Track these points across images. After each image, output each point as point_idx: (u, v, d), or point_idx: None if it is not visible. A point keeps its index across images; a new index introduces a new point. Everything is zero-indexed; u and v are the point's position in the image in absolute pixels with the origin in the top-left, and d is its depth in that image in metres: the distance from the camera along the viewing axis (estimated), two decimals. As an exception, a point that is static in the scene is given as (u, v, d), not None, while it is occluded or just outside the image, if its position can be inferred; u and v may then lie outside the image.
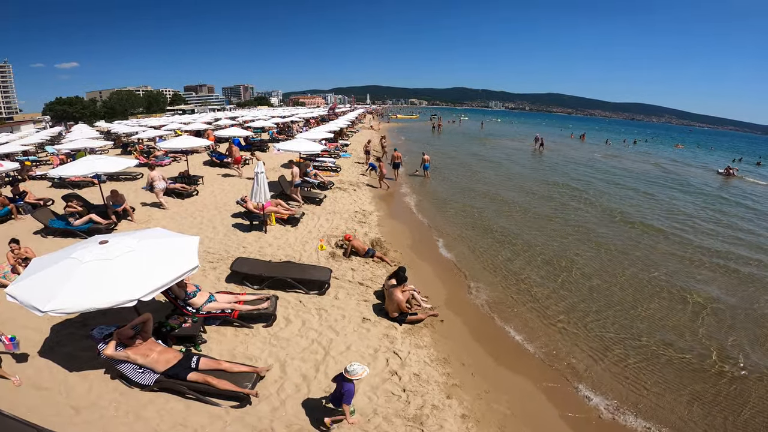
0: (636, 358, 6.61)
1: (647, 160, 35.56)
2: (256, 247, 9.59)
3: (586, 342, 6.97)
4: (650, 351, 6.84)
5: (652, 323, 7.71)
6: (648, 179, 24.23)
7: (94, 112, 78.98)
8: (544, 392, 5.78)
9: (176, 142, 17.59)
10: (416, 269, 9.07)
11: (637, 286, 9.19)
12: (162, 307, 6.48)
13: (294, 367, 5.57)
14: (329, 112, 61.48)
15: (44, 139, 30.40)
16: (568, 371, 6.22)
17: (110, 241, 5.11)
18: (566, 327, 7.39)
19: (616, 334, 7.27)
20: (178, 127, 33.12)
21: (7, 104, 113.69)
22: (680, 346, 6.99)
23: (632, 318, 7.85)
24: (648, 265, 10.43)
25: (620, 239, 12.32)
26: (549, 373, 6.18)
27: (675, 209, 16.75)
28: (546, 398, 5.66)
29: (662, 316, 7.98)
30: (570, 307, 8.09)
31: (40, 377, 5.07)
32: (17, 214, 11.22)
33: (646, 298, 8.65)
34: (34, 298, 4.37)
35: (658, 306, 8.38)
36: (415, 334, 6.74)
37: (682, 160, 39.04)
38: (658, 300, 8.63)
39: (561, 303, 8.25)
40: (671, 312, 8.17)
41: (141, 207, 12.23)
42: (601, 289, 9.00)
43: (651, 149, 49.50)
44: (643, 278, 9.60)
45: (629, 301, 8.52)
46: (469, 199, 16.52)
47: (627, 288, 9.08)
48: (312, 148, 16.38)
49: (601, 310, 8.09)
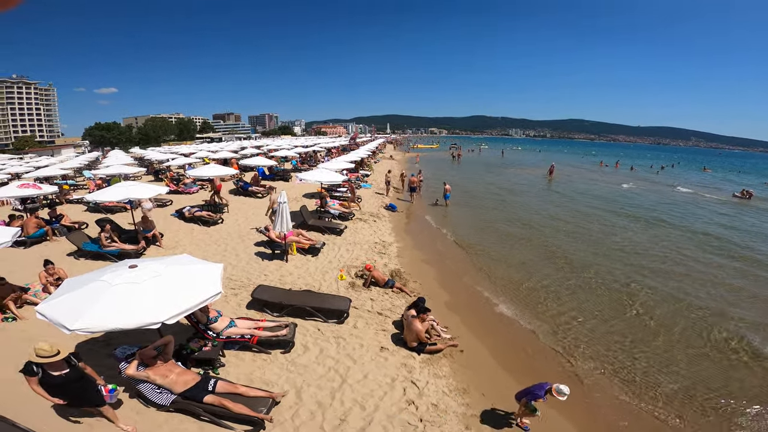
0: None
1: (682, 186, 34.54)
2: (277, 276, 9.74)
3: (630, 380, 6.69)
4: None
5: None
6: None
7: (130, 138, 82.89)
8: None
9: (203, 170, 18.26)
10: (436, 300, 9.01)
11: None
12: (183, 330, 6.62)
13: (310, 394, 5.56)
14: (350, 142, 62.72)
15: (82, 164, 32.09)
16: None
17: (139, 266, 5.34)
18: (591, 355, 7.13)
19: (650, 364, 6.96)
20: (206, 155, 34.49)
21: (50, 127, 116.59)
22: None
23: (666, 353, 7.50)
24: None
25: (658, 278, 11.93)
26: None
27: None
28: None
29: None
30: (607, 341, 7.82)
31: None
32: (52, 236, 11.80)
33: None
34: (62, 316, 4.58)
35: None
36: (433, 363, 6.64)
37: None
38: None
39: (588, 336, 7.99)
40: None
41: (168, 233, 12.67)
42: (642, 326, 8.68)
43: (680, 174, 48.27)
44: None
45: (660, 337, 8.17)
46: (489, 230, 16.37)
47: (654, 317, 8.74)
48: (333, 178, 16.71)
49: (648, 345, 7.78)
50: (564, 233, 16.07)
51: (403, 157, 56.68)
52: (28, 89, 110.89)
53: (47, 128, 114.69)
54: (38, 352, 4.39)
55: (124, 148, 66.07)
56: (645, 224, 18.36)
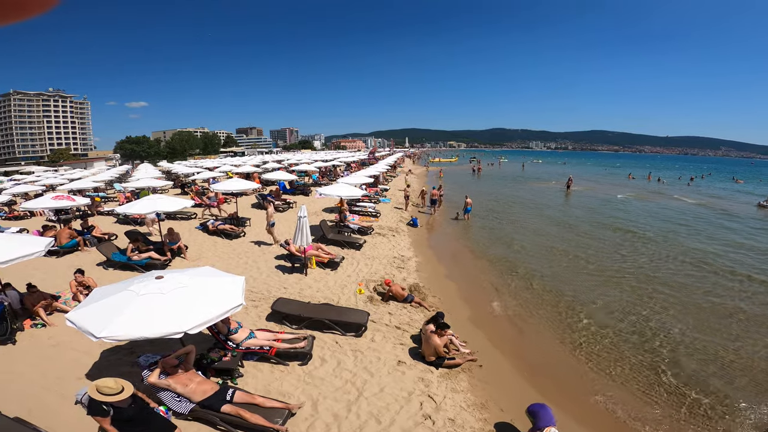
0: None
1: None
2: (296, 289, 9.86)
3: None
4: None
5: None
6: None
7: (158, 151, 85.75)
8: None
9: (227, 184, 18.72)
10: (456, 314, 8.95)
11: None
12: (204, 340, 6.76)
13: (326, 406, 5.57)
14: (369, 156, 63.30)
15: (113, 176, 33.42)
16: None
17: (165, 277, 5.54)
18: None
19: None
20: (229, 169, 35.42)
21: (83, 140, 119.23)
22: None
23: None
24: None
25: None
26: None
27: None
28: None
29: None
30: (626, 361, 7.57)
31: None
32: (84, 246, 12.31)
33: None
34: (90, 324, 4.76)
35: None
36: (451, 378, 6.57)
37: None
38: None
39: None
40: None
41: (193, 245, 13.02)
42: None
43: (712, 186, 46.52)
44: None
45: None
46: (511, 245, 16.06)
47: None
48: (352, 193, 16.89)
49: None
50: (585, 248, 15.69)
51: (422, 171, 56.75)
52: (64, 102, 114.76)
53: (81, 141, 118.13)
54: (103, 390, 4.20)
55: (153, 161, 68.42)
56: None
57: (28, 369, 6.13)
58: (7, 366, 6.22)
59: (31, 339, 7.09)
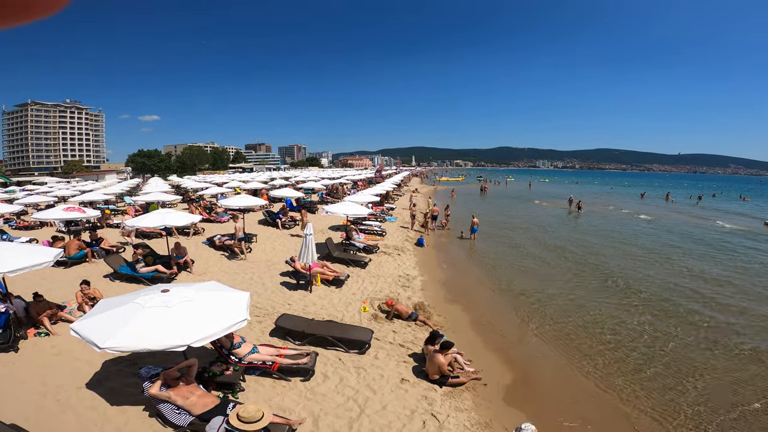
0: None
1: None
2: (300, 305, 9.84)
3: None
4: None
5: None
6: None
7: (168, 165, 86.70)
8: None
9: (235, 200, 18.88)
10: (460, 333, 8.90)
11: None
12: (207, 354, 6.75)
13: (327, 423, 5.51)
14: (376, 175, 63.63)
15: (124, 189, 33.84)
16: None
17: (171, 291, 5.60)
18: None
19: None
20: (237, 185, 35.79)
21: (96, 153, 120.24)
22: None
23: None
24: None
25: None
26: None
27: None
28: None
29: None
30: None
31: (81, 405, 5.47)
32: (92, 258, 12.43)
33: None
34: (94, 334, 4.81)
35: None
36: (455, 397, 6.47)
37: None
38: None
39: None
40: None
41: (199, 260, 13.10)
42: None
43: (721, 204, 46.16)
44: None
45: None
46: (517, 266, 15.92)
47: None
48: (358, 211, 16.94)
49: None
50: (592, 267, 15.54)
51: (429, 190, 56.87)
52: (80, 114, 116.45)
53: (94, 153, 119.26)
54: (244, 417, 4.39)
55: (163, 175, 69.22)
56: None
57: (29, 376, 6.16)
58: (8, 373, 6.26)
59: (33, 347, 7.13)
